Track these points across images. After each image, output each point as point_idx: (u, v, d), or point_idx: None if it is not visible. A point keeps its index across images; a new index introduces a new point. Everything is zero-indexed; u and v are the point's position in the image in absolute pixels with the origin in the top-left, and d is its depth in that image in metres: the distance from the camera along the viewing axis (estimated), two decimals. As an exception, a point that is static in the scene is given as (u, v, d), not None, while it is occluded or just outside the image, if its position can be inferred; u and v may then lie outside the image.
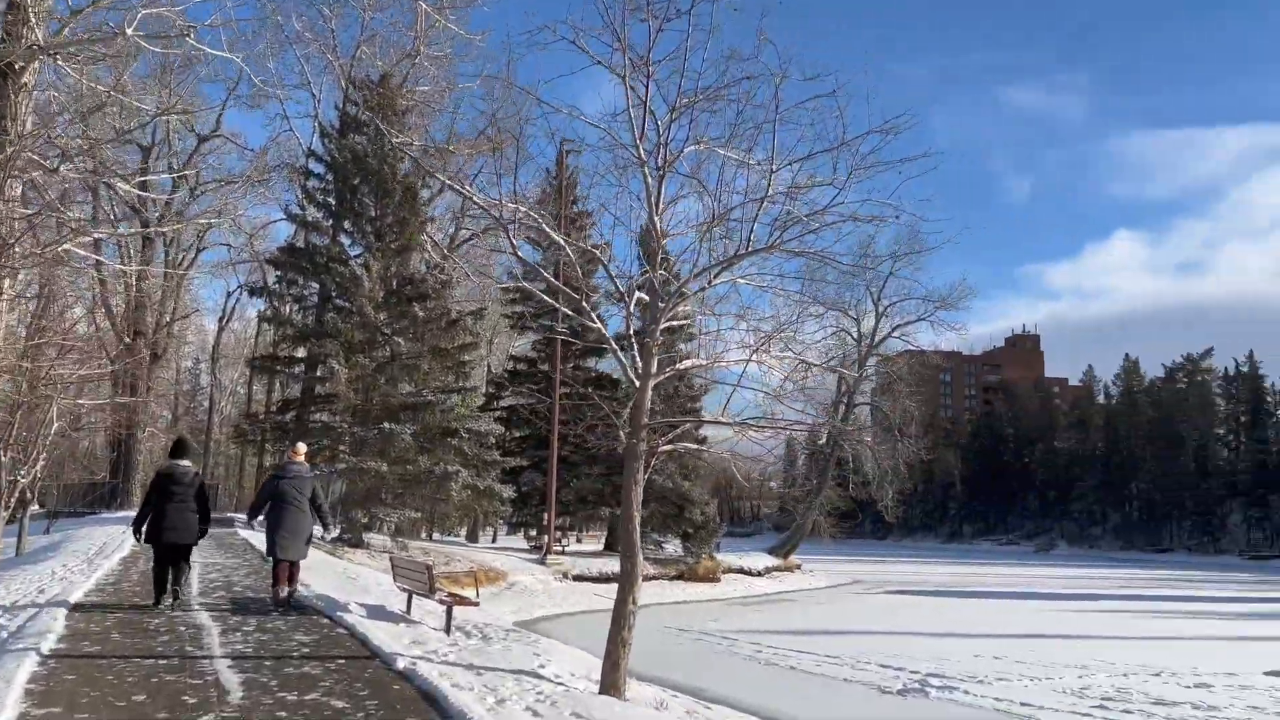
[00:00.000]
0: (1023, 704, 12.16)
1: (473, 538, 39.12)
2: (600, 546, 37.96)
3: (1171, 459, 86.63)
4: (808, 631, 19.95)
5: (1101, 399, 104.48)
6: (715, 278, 7.22)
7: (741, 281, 7.39)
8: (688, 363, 7.96)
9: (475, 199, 7.91)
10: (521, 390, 35.11)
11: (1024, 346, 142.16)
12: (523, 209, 7.42)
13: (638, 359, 7.44)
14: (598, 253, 8.14)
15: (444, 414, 23.37)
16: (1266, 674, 14.92)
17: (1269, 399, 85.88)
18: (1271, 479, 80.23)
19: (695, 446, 9.96)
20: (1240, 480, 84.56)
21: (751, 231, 6.85)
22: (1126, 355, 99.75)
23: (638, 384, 7.44)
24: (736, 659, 15.78)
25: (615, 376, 35.61)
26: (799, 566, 39.73)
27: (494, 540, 43.23)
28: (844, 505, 39.80)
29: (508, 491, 25.59)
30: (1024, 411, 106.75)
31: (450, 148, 24.42)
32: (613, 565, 29.36)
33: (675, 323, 7.89)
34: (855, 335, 38.99)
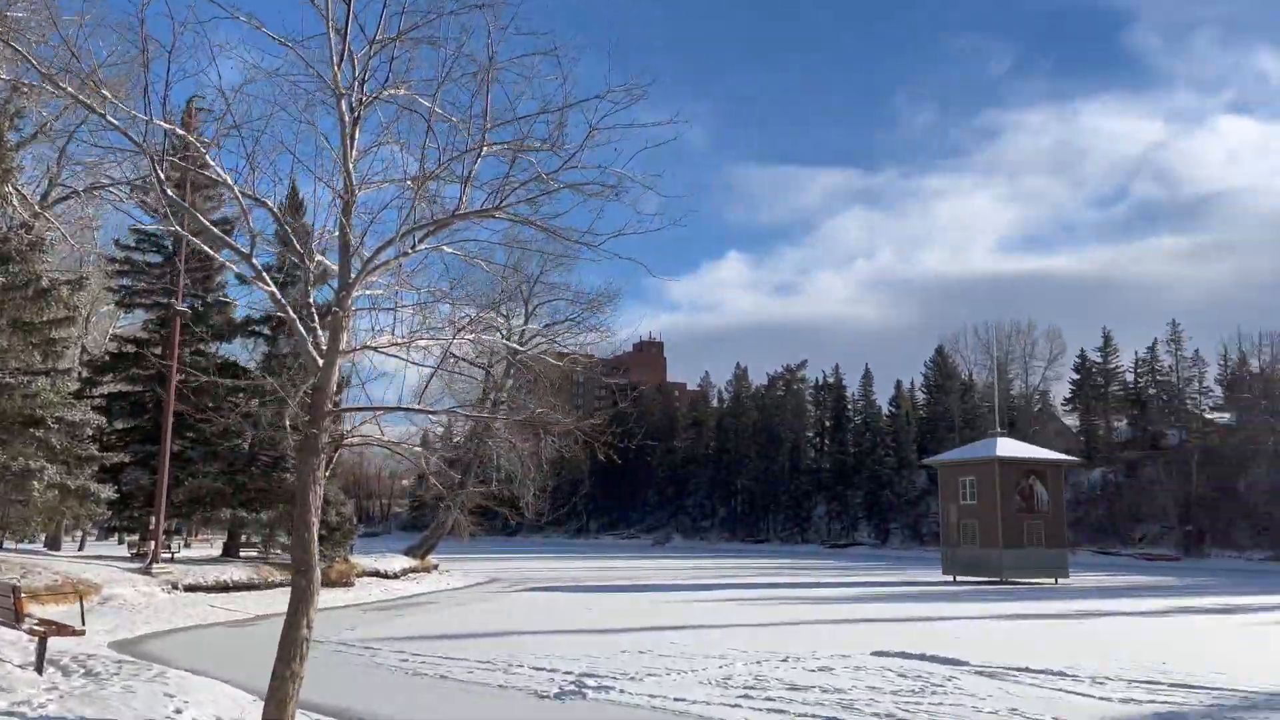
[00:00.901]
0: (676, 699, 12.30)
1: (54, 545, 33.76)
2: (217, 552, 34.36)
3: (771, 458, 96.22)
4: (454, 635, 19.17)
5: (715, 403, 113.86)
6: (421, 241, 6.30)
7: (448, 250, 6.54)
8: (385, 339, 6.95)
9: (110, 120, 6.24)
10: (127, 376, 30.85)
11: (649, 352, 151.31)
12: (177, 130, 6.01)
13: (320, 333, 6.31)
14: (270, 206, 6.84)
15: (27, 400, 19.70)
16: (874, 654, 16.48)
17: (849, 407, 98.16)
18: (849, 477, 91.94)
19: (390, 443, 8.80)
20: (824, 477, 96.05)
21: (464, 193, 6.03)
22: (738, 364, 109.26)
23: (320, 362, 6.30)
24: (381, 670, 14.61)
25: (243, 363, 32.39)
26: (436, 567, 38.72)
27: (81, 547, 37.71)
28: (486, 503, 39.37)
29: (106, 491, 22.16)
30: (648, 413, 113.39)
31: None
32: (232, 572, 26.64)
33: (369, 292, 6.85)
34: (504, 332, 38.76)
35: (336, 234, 6.48)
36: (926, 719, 11.28)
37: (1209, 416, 74.01)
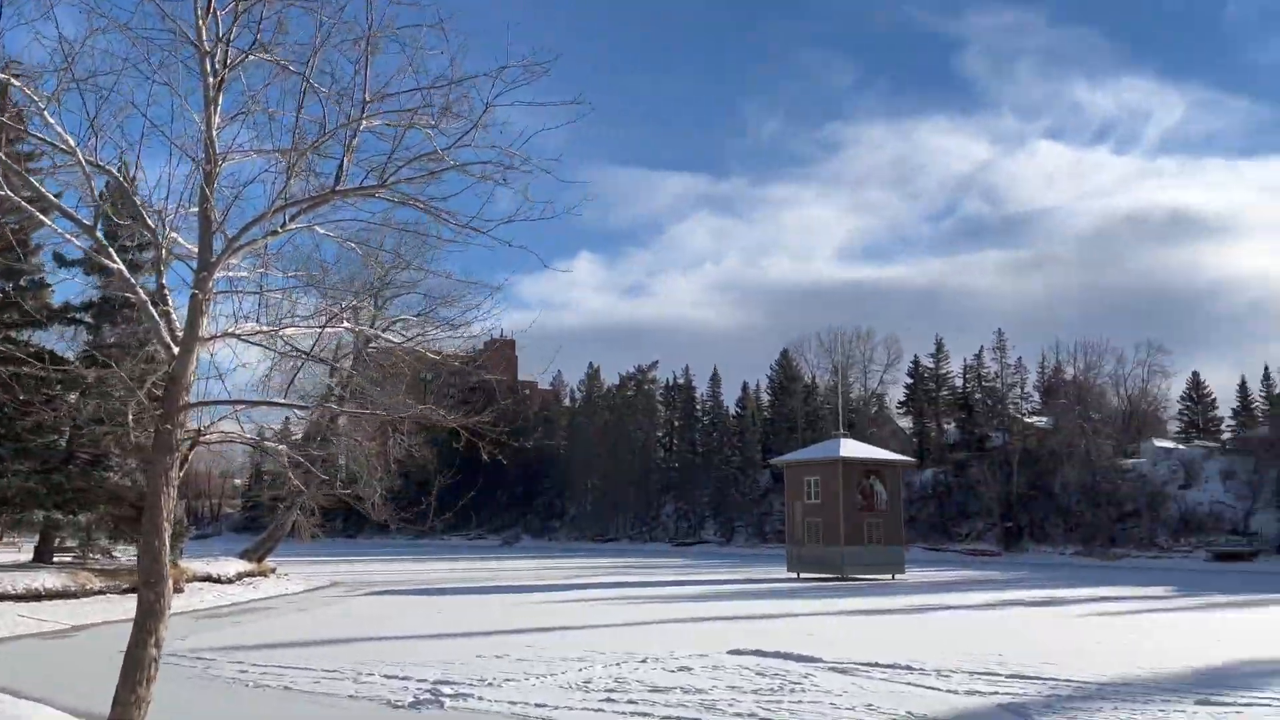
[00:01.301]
0: (537, 705, 12.02)
1: None
2: (27, 557, 31.72)
3: (621, 458, 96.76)
4: (297, 643, 18.21)
5: (568, 402, 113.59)
6: (292, 220, 5.77)
7: (321, 231, 6.02)
8: (249, 326, 6.31)
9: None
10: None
11: (502, 350, 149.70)
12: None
13: (174, 318, 5.69)
14: (115, 173, 6.11)
15: None
16: (730, 653, 16.63)
17: (698, 407, 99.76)
18: (696, 476, 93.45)
19: (255, 440, 8.08)
20: (673, 477, 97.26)
21: (345, 168, 5.56)
22: (590, 364, 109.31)
23: (175, 350, 5.69)
24: (218, 683, 13.67)
25: (60, 353, 29.97)
26: (274, 570, 36.92)
27: None
28: (328, 504, 37.85)
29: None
30: (500, 412, 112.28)
31: None
32: (45, 579, 24.49)
33: (231, 274, 6.23)
34: (353, 324, 37.26)
35: (194, 210, 5.87)
36: (789, 717, 11.40)
37: (1029, 420, 78.98)
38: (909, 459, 50.47)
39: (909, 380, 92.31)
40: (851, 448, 42.58)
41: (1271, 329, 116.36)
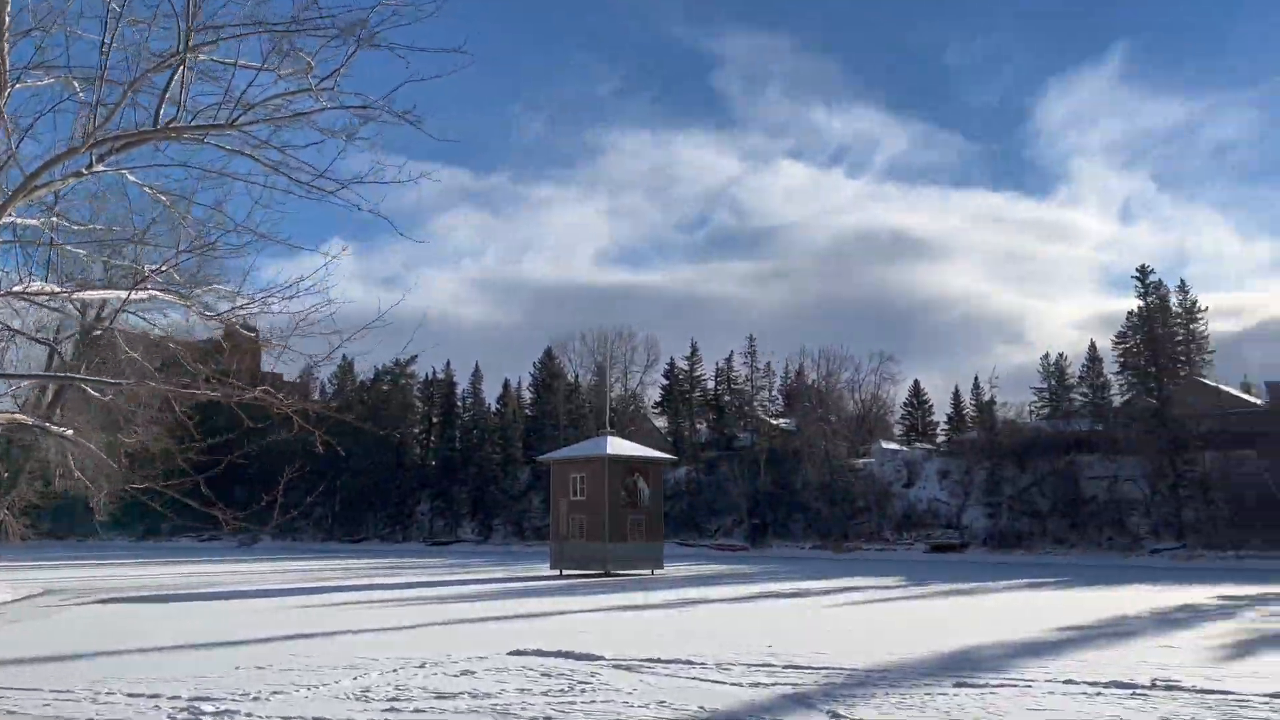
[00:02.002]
0: (315, 718, 11.09)
1: None
2: None
3: (375, 455, 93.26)
4: (16, 661, 15.90)
5: (318, 395, 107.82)
6: (99, 161, 4.78)
7: (132, 180, 5.05)
8: (36, 286, 5.13)
9: None
10: None
11: (243, 338, 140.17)
12: None
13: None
14: None
15: None
16: (511, 654, 16.19)
17: (459, 403, 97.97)
18: (456, 473, 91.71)
19: (34, 420, 6.65)
20: (430, 474, 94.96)
21: (161, 105, 4.68)
22: (344, 356, 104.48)
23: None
24: (-85, 714, 11.62)
25: None
26: (-28, 578, 32.41)
27: None
28: (41, 503, 33.73)
29: None
30: (243, 405, 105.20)
31: None
32: None
33: (18, 220, 5.08)
34: (79, 306, 33.40)
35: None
36: (583, 718, 11.17)
37: (775, 422, 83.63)
38: (671, 457, 51.92)
39: (665, 381, 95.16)
40: (617, 445, 43.19)
41: (976, 342, 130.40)
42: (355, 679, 13.73)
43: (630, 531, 42.07)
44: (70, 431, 14.43)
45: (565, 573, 41.72)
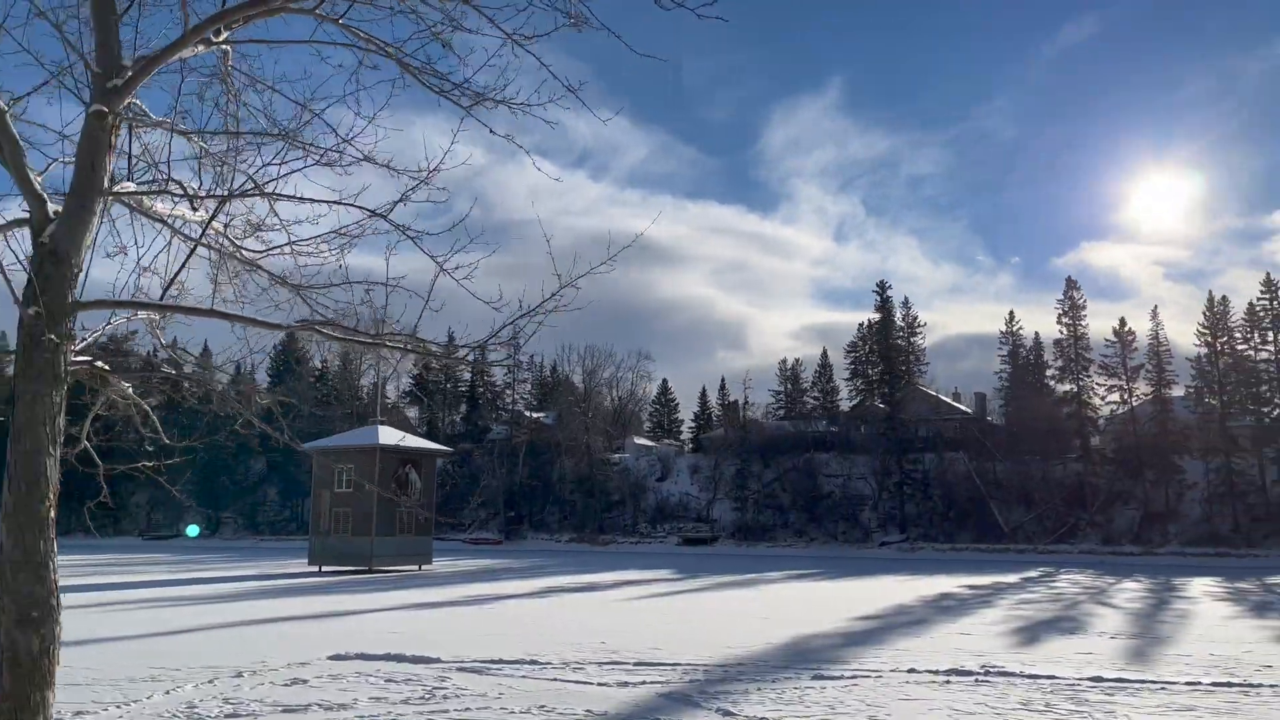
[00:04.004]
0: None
1: None
2: None
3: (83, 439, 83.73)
4: None
5: (12, 370, 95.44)
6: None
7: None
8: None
9: None
10: None
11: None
12: None
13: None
14: None
15: None
16: (332, 658, 14.66)
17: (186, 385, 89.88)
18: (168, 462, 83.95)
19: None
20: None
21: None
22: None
23: (50, 208, 3.06)
24: None
25: None
26: None
27: None
28: None
29: None
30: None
31: None
32: None
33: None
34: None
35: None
36: (470, 729, 10.18)
37: (534, 416, 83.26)
38: (445, 448, 50.17)
39: (416, 372, 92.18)
40: (390, 435, 41.05)
41: (704, 346, 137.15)
42: (168, 692, 11.82)
43: (400, 525, 40.12)
44: None
45: (325, 569, 39.11)
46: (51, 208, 4.09)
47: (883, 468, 70.07)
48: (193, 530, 38.25)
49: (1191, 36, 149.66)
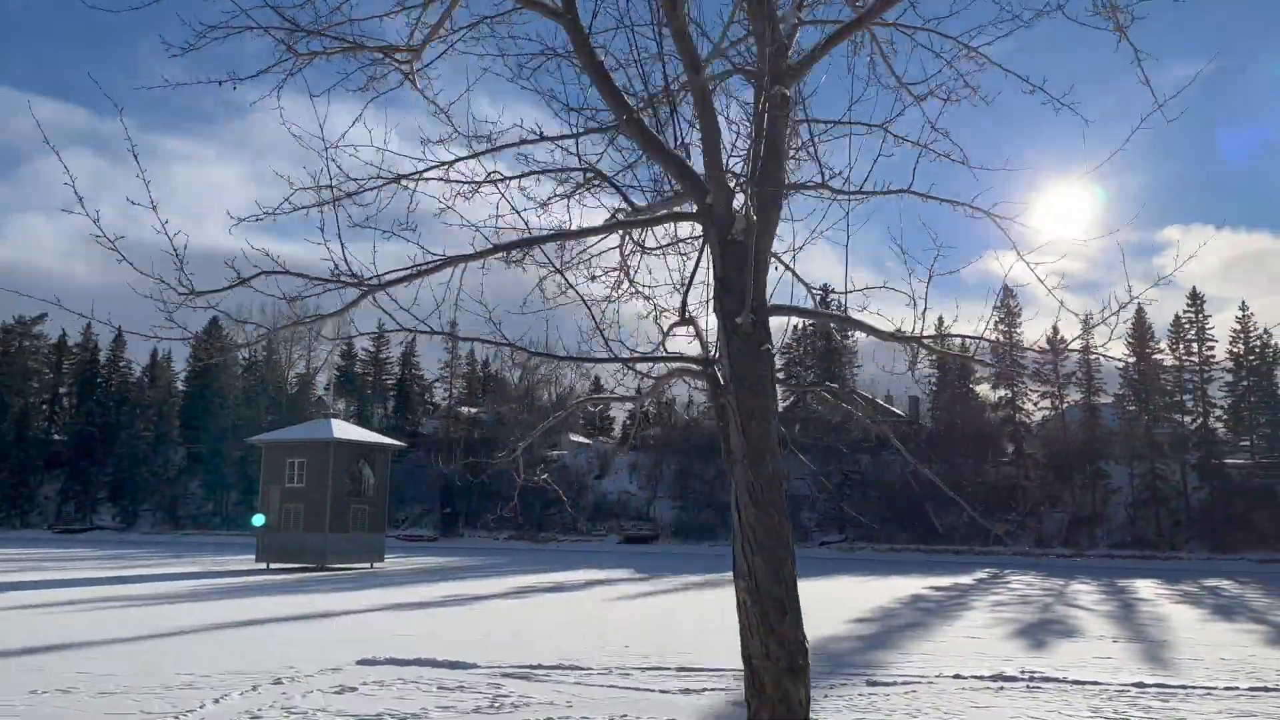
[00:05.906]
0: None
1: None
2: None
3: (-11, 426, 79.62)
4: None
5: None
6: None
7: None
8: None
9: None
10: None
11: None
12: None
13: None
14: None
15: None
16: (360, 663, 14.00)
17: (101, 373, 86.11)
18: (93, 452, 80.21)
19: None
20: (59, 451, 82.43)
21: None
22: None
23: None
24: None
25: None
26: None
27: None
28: None
29: None
30: None
31: None
32: None
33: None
34: None
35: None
36: (565, 741, 9.74)
37: (471, 411, 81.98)
38: (400, 443, 48.92)
39: (342, 363, 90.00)
40: (344, 429, 39.84)
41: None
42: (217, 701, 11.06)
43: (353, 522, 38.94)
44: None
45: (273, 566, 37.74)
46: (736, 201, 3.60)
47: (822, 469, 70.94)
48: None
49: (1097, 56, 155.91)
